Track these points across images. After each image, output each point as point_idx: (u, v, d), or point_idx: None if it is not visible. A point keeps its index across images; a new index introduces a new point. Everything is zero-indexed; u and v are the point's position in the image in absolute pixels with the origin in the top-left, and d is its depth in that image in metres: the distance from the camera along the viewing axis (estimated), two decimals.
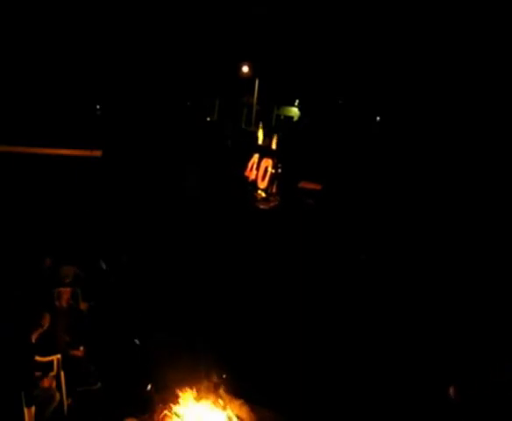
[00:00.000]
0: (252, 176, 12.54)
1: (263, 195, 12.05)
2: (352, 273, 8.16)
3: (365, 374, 6.07)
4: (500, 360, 5.03)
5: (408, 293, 7.50)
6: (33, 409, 4.18)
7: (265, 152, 12.77)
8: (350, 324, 7.06)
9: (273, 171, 12.04)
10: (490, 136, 10.73)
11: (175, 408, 5.20)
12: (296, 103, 29.13)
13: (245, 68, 24.83)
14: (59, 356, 5.02)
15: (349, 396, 5.75)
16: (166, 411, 5.15)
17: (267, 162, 12.23)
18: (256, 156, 12.67)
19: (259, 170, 12.36)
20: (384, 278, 8.01)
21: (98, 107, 17.36)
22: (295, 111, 29.23)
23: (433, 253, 8.16)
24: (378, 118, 18.77)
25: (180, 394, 5.34)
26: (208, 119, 24.05)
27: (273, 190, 11.90)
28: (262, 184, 12.21)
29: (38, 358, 4.77)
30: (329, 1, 19.63)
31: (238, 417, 5.22)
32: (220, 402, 5.29)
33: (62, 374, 5.02)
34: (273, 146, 13.09)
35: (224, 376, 5.56)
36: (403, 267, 8.19)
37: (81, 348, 5.50)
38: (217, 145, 15.30)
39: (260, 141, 14.15)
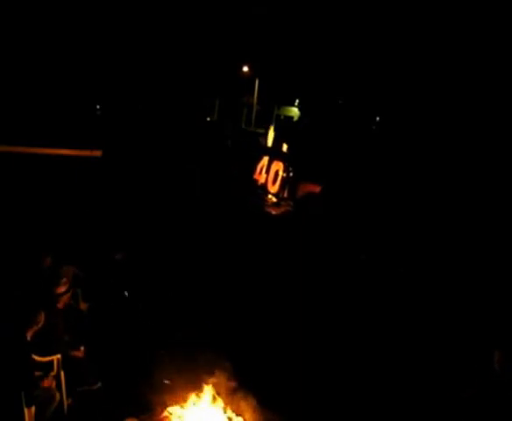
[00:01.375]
0: (262, 180, 11.78)
1: (274, 199, 11.37)
2: (352, 273, 8.15)
3: (365, 374, 6.07)
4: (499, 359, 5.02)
5: (409, 293, 7.50)
6: (33, 409, 4.17)
7: (275, 154, 11.99)
8: (350, 323, 7.06)
9: (285, 175, 11.16)
10: (490, 135, 10.75)
11: (175, 408, 5.20)
12: (296, 103, 29.18)
13: (245, 68, 24.92)
14: (59, 356, 5.02)
15: (349, 396, 5.75)
16: (166, 412, 5.15)
17: (278, 165, 11.37)
18: (266, 159, 11.88)
19: (270, 174, 11.52)
20: (384, 278, 8.00)
21: (98, 107, 17.39)
22: (295, 111, 29.25)
23: (434, 253, 8.16)
24: (378, 118, 18.80)
25: (180, 394, 5.35)
26: (208, 119, 24.06)
27: (285, 195, 11.09)
28: (273, 188, 11.36)
29: (38, 358, 4.77)
30: (329, 1, 19.66)
31: (238, 418, 5.22)
32: (220, 402, 5.29)
33: (62, 374, 5.02)
34: (284, 148, 12.37)
35: None
36: (403, 267, 8.19)
37: (82, 348, 5.49)
38: (217, 145, 15.27)
39: (270, 143, 13.45)
